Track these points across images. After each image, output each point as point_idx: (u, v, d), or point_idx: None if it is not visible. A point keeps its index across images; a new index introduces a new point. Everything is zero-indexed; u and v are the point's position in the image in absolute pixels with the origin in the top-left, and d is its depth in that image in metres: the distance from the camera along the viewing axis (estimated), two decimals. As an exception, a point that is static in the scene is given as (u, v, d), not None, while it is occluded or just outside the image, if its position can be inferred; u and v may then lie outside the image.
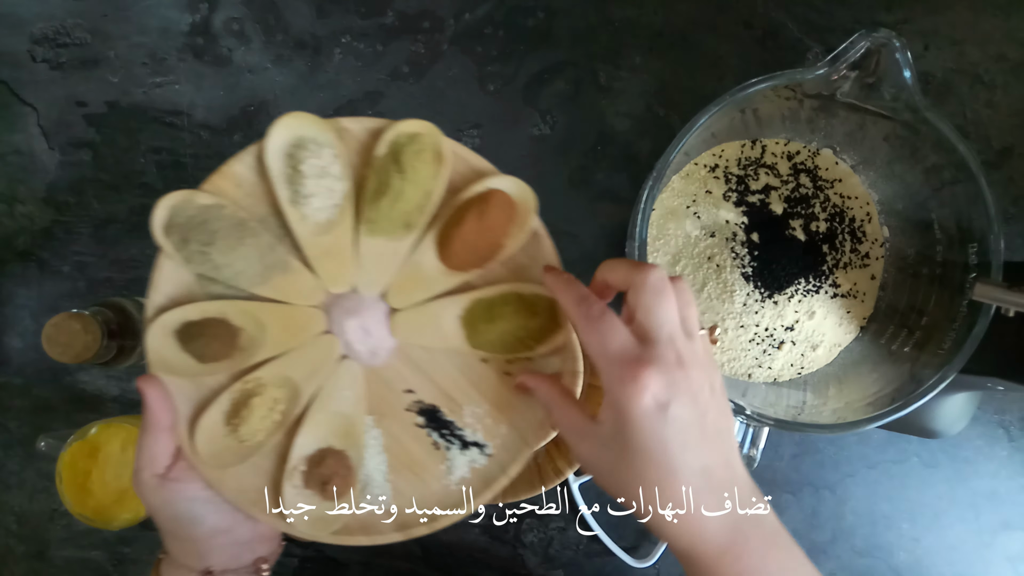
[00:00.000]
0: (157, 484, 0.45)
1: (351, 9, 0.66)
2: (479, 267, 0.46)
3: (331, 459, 0.46)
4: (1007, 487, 0.66)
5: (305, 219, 0.46)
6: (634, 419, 0.37)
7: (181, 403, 0.46)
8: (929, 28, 0.65)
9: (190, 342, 0.45)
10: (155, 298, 0.46)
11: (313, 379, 0.46)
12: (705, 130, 0.53)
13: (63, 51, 0.66)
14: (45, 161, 0.67)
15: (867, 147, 0.58)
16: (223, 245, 0.45)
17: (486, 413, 0.47)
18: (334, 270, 0.46)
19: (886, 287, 0.61)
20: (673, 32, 0.65)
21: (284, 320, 0.46)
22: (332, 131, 0.46)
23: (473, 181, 0.46)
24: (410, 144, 0.45)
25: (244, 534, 0.47)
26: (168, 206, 0.45)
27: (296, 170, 0.45)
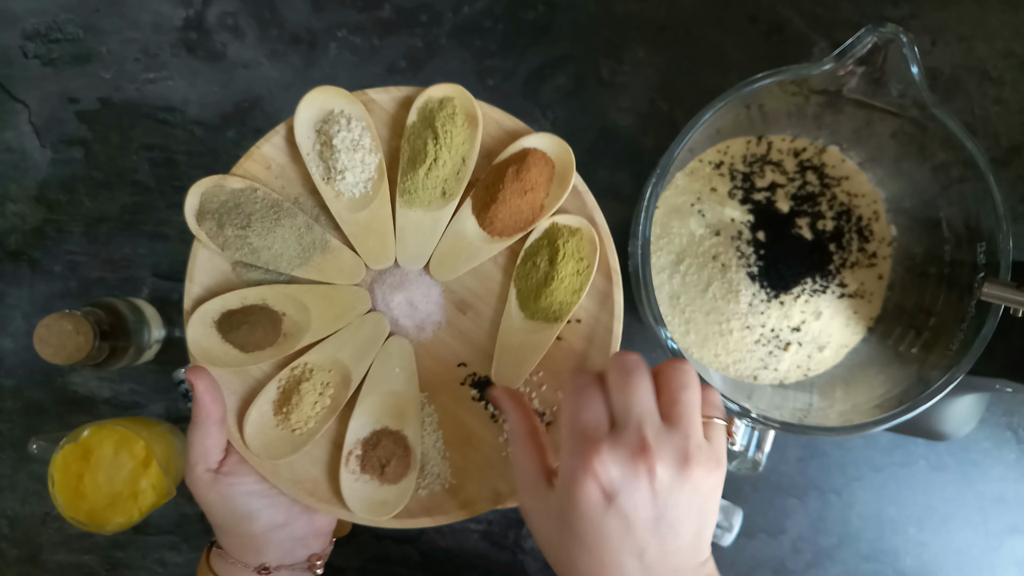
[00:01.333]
0: (212, 479, 0.44)
1: (347, 3, 0.65)
2: (522, 231, 0.45)
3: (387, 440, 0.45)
4: (1015, 490, 0.65)
5: (340, 195, 0.45)
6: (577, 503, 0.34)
7: (227, 396, 0.45)
8: (936, 23, 0.64)
9: (232, 331, 0.44)
10: (192, 289, 0.46)
11: (363, 359, 0.46)
12: (710, 126, 0.52)
13: (55, 47, 0.66)
14: (36, 159, 0.66)
15: (874, 144, 0.57)
16: (260, 228, 0.44)
17: (541, 380, 0.46)
18: (374, 246, 0.46)
19: (893, 287, 0.60)
20: (677, 26, 0.64)
21: (327, 301, 0.45)
22: (360, 103, 0.45)
23: (507, 142, 0.46)
24: (441, 109, 0.45)
25: (300, 529, 0.47)
26: (199, 193, 0.45)
27: (328, 145, 0.44)
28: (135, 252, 0.66)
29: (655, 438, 0.34)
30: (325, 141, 0.44)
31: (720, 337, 0.59)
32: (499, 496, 0.45)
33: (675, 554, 0.35)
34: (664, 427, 0.35)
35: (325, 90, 0.45)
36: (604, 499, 0.34)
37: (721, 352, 0.59)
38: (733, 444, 0.44)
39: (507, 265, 0.46)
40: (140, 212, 0.65)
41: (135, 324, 0.61)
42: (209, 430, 0.44)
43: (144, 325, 0.62)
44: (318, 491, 0.46)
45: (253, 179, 0.46)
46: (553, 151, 0.45)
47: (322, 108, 0.45)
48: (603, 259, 0.46)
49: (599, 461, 0.34)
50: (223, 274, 0.46)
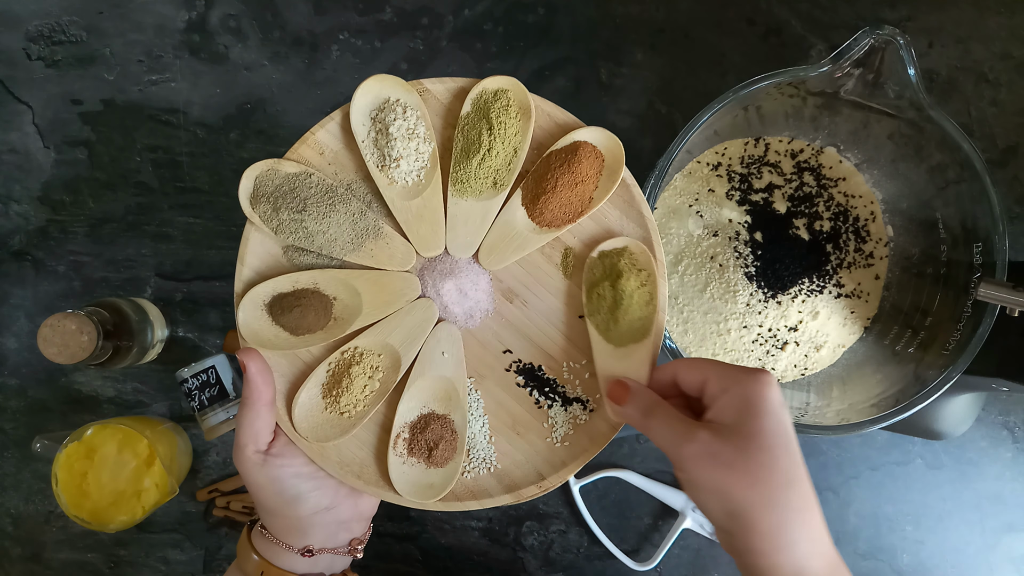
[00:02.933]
0: (261, 461, 0.44)
1: (349, 6, 0.65)
2: (571, 222, 0.46)
3: (435, 424, 0.46)
4: (1012, 489, 0.66)
5: (393, 183, 0.46)
6: (768, 411, 0.36)
7: (276, 379, 0.46)
8: (933, 25, 0.64)
9: (283, 315, 0.45)
10: (243, 272, 0.46)
11: (412, 344, 0.46)
12: (708, 128, 0.52)
13: (58, 49, 0.66)
14: (40, 160, 0.66)
15: (871, 145, 0.58)
16: (315, 212, 0.44)
17: (585, 368, 0.47)
18: (426, 233, 0.46)
19: (890, 287, 0.60)
20: (675, 29, 0.65)
21: (378, 287, 0.46)
22: (415, 92, 0.46)
23: (557, 135, 0.46)
24: (496, 100, 0.45)
25: (345, 512, 0.47)
26: (253, 176, 0.46)
27: (383, 132, 0.45)
28: (138, 252, 0.66)
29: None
30: (381, 129, 0.45)
31: (718, 337, 0.59)
32: (543, 479, 0.46)
33: None
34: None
35: (382, 78, 0.46)
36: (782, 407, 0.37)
37: (719, 352, 0.60)
38: None
39: (554, 255, 0.47)
40: (143, 213, 0.66)
41: (138, 324, 0.61)
42: (260, 411, 0.44)
43: (147, 325, 0.62)
44: (365, 473, 0.46)
45: (306, 164, 0.46)
46: (604, 144, 0.46)
47: (378, 96, 0.46)
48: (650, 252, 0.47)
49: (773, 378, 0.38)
50: (274, 258, 0.46)
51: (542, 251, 0.47)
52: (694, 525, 0.64)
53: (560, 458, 0.46)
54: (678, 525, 0.64)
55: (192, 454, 0.66)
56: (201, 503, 0.66)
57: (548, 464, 0.46)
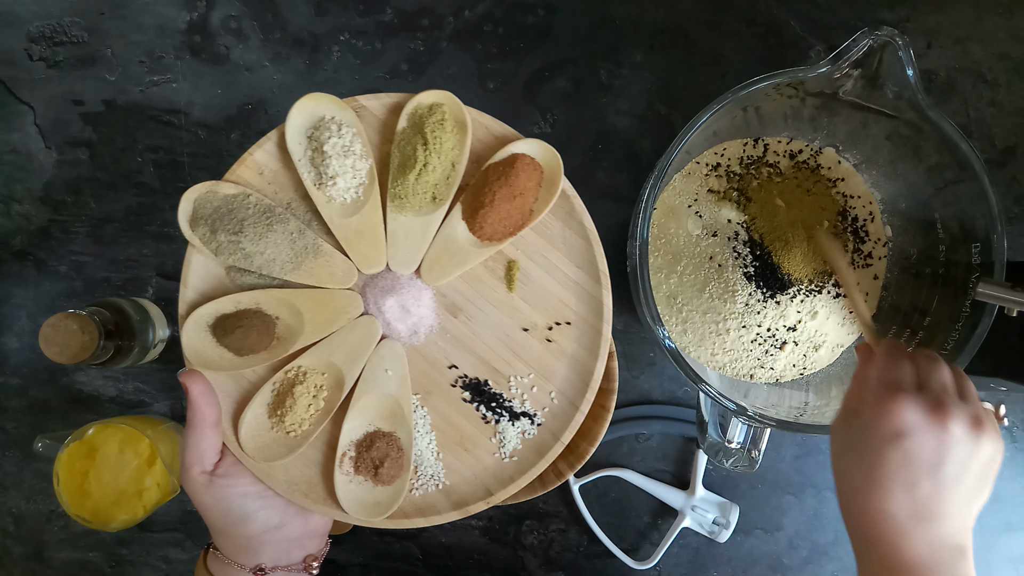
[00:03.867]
0: (207, 482, 0.44)
1: (349, 7, 0.65)
2: (512, 235, 0.46)
3: (381, 442, 0.46)
4: (1010, 488, 0.66)
5: (331, 201, 0.46)
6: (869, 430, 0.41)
7: (222, 399, 0.46)
8: (932, 26, 0.64)
9: (226, 336, 0.45)
10: (187, 294, 0.46)
11: (355, 362, 0.46)
12: (707, 128, 0.53)
13: (60, 49, 0.66)
14: (42, 160, 0.66)
15: (870, 146, 0.58)
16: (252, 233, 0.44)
17: (531, 382, 0.47)
18: (366, 250, 0.46)
19: (889, 287, 0.61)
20: (674, 29, 0.65)
21: (320, 305, 0.46)
22: (351, 109, 0.46)
23: (496, 148, 0.46)
24: (431, 115, 0.45)
25: (295, 530, 0.47)
26: (192, 199, 0.45)
27: (319, 151, 0.45)
28: (140, 252, 0.66)
29: (953, 403, 0.40)
30: (316, 147, 0.45)
31: (717, 336, 0.60)
32: (491, 495, 0.46)
33: (946, 503, 0.40)
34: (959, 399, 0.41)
35: (316, 97, 0.45)
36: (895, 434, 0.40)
37: (718, 351, 0.60)
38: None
39: (497, 269, 0.47)
40: (145, 213, 0.66)
41: (140, 324, 0.61)
42: (204, 433, 0.44)
43: (149, 325, 0.62)
44: (313, 492, 0.46)
45: (246, 185, 0.46)
46: (542, 157, 0.46)
47: (313, 114, 0.46)
48: (592, 263, 0.47)
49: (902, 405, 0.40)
50: (217, 278, 0.46)
51: (485, 264, 0.47)
52: (693, 524, 0.65)
53: (508, 473, 0.47)
54: (677, 524, 0.65)
55: (193, 453, 0.66)
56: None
57: (496, 480, 0.47)
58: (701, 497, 0.64)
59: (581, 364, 0.47)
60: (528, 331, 0.47)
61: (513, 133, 0.46)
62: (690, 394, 0.66)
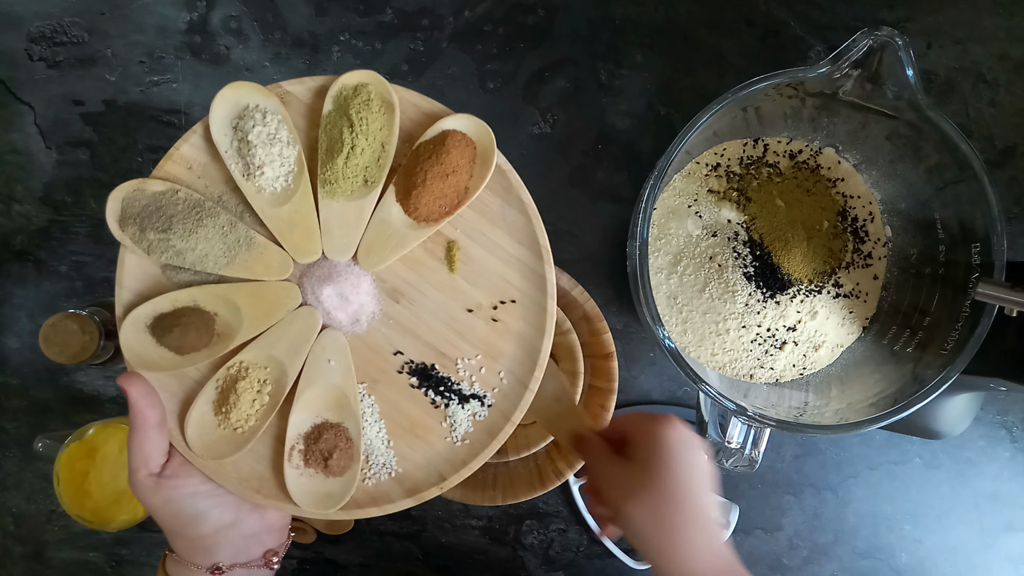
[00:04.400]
0: (154, 484, 0.44)
1: (350, 7, 0.65)
2: (449, 215, 0.45)
3: (329, 433, 0.45)
4: (1010, 488, 0.66)
5: (261, 191, 0.45)
6: (663, 444, 0.42)
7: (166, 398, 0.45)
8: (931, 26, 0.64)
9: (165, 335, 0.44)
10: (123, 295, 0.45)
11: (297, 354, 0.45)
12: (707, 129, 0.53)
13: (60, 49, 0.66)
14: (42, 160, 0.66)
15: (869, 146, 0.58)
16: (181, 229, 0.44)
17: (479, 363, 0.46)
18: (300, 239, 0.45)
19: (889, 287, 0.61)
20: (674, 30, 0.65)
21: (257, 298, 0.45)
22: (275, 96, 0.45)
23: (427, 125, 0.45)
24: (356, 96, 0.44)
25: (251, 526, 0.47)
26: (119, 198, 0.44)
27: (244, 141, 0.44)
28: (140, 253, 0.66)
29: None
30: (241, 137, 0.44)
31: (717, 336, 0.60)
32: (444, 480, 0.46)
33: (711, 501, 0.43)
34: None
35: (238, 86, 0.44)
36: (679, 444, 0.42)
37: (718, 351, 0.60)
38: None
39: (437, 250, 0.46)
40: (144, 213, 0.66)
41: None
42: (147, 435, 0.44)
43: (149, 325, 0.62)
44: (264, 488, 0.46)
45: (175, 181, 0.45)
46: (473, 132, 0.45)
47: (237, 104, 0.44)
48: (532, 238, 0.46)
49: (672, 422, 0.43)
50: (153, 278, 0.45)
51: (424, 246, 0.46)
52: (693, 524, 0.65)
53: (460, 457, 0.46)
54: (677, 524, 0.65)
55: (193, 453, 0.66)
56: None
57: (448, 464, 0.46)
58: (701, 497, 0.64)
59: (528, 342, 0.46)
60: (473, 312, 0.46)
61: (443, 109, 0.45)
62: (690, 394, 0.66)
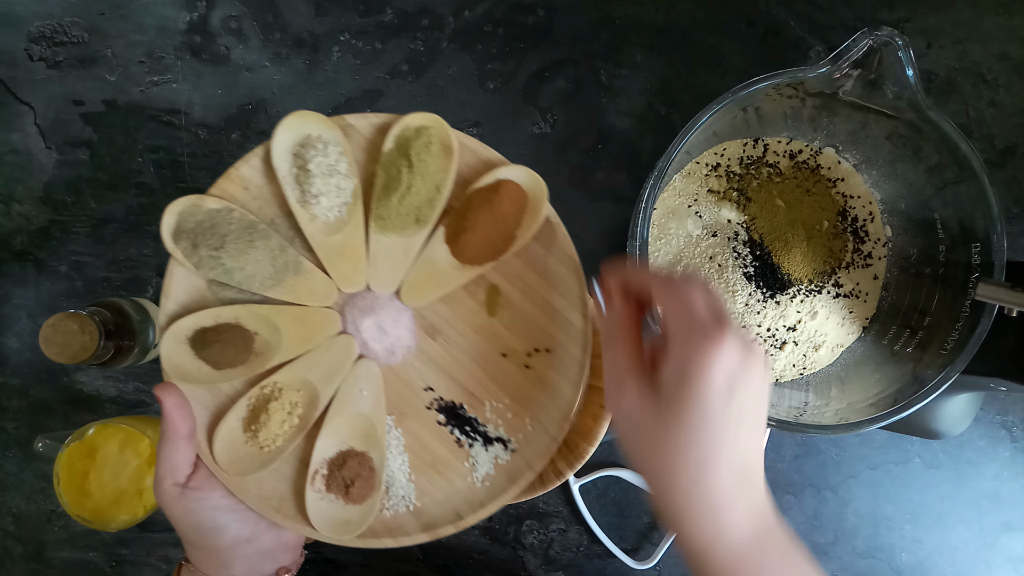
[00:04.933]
0: (179, 493, 0.44)
1: (350, 7, 0.65)
2: (493, 260, 0.46)
3: (353, 461, 0.45)
4: (1010, 488, 0.66)
5: (315, 219, 0.46)
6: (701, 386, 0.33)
7: (198, 411, 0.46)
8: (931, 27, 0.64)
9: (204, 349, 0.45)
10: (167, 306, 0.46)
11: (331, 381, 0.46)
12: (707, 129, 0.53)
13: (60, 49, 0.66)
14: (42, 160, 0.66)
15: (869, 146, 0.58)
16: (233, 249, 0.44)
17: (507, 408, 0.47)
18: (347, 269, 0.46)
19: (889, 287, 0.61)
20: (674, 30, 0.65)
21: (299, 322, 0.46)
22: (338, 128, 0.46)
23: (482, 172, 0.46)
24: (417, 138, 0.45)
25: (267, 543, 0.47)
26: (176, 212, 0.45)
27: (304, 169, 0.45)
28: (140, 252, 0.66)
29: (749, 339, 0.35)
30: (301, 165, 0.45)
31: (717, 336, 0.60)
32: (461, 519, 0.46)
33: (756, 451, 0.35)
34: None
35: (303, 115, 0.45)
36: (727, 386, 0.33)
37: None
38: None
39: (478, 292, 0.47)
40: (145, 213, 0.66)
41: (140, 324, 0.61)
42: (177, 445, 0.44)
43: (149, 325, 0.62)
44: (284, 508, 0.46)
45: (231, 199, 0.46)
46: (527, 183, 0.46)
47: (300, 132, 0.45)
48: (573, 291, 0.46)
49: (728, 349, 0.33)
50: (199, 291, 0.46)
51: (466, 288, 0.47)
52: (693, 524, 0.65)
53: (479, 498, 0.46)
54: (677, 524, 0.65)
55: (193, 453, 0.66)
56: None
57: (467, 504, 0.46)
58: (701, 497, 0.64)
59: (558, 393, 0.46)
60: (507, 356, 0.46)
61: (499, 158, 0.46)
62: (690, 394, 0.66)
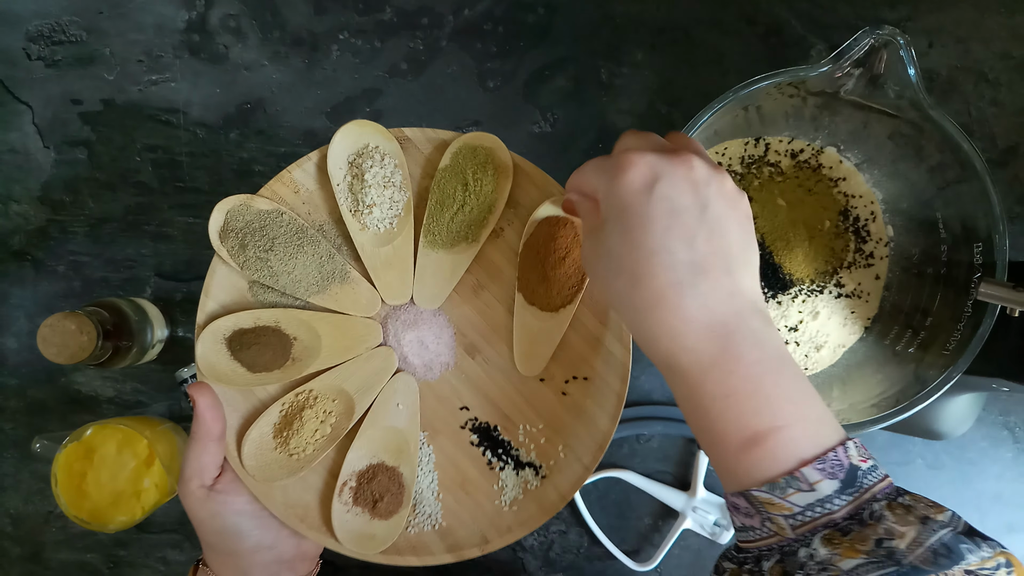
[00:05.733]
0: (205, 496, 0.44)
1: (349, 5, 0.65)
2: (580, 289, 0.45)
3: (383, 475, 0.45)
4: (1012, 489, 0.65)
5: (366, 229, 0.45)
6: (618, 195, 0.35)
7: (228, 413, 0.45)
8: (933, 25, 0.64)
9: (242, 351, 0.44)
10: (207, 304, 0.46)
11: (368, 392, 0.46)
12: (708, 128, 0.52)
13: (58, 48, 0.66)
14: (40, 160, 0.66)
15: (871, 145, 0.58)
16: (282, 252, 0.44)
17: (541, 433, 0.46)
18: (393, 281, 0.46)
19: (891, 287, 0.60)
20: (675, 28, 0.65)
21: (340, 331, 0.45)
22: (395, 141, 0.45)
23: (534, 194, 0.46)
24: (474, 157, 0.45)
25: (287, 552, 0.47)
26: (224, 210, 0.45)
27: (359, 178, 0.44)
28: (138, 252, 0.66)
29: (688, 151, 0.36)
30: (357, 174, 0.45)
31: (718, 337, 0.59)
32: (487, 543, 0.45)
33: (726, 252, 0.35)
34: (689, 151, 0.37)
35: (362, 124, 0.45)
36: (646, 184, 0.34)
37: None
38: None
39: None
40: (143, 213, 0.66)
41: (138, 324, 0.61)
42: (207, 447, 0.44)
43: (147, 325, 0.62)
44: (309, 518, 0.46)
45: (280, 202, 0.46)
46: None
47: (357, 141, 0.45)
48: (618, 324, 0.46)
49: (640, 152, 0.35)
50: (239, 292, 0.46)
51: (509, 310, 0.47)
52: (694, 526, 0.64)
53: (506, 523, 0.46)
54: (678, 526, 0.64)
55: (192, 454, 0.66)
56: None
57: (493, 527, 0.46)
58: (702, 498, 0.64)
59: (594, 423, 0.46)
60: (544, 381, 0.46)
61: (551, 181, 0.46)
62: (691, 395, 0.66)
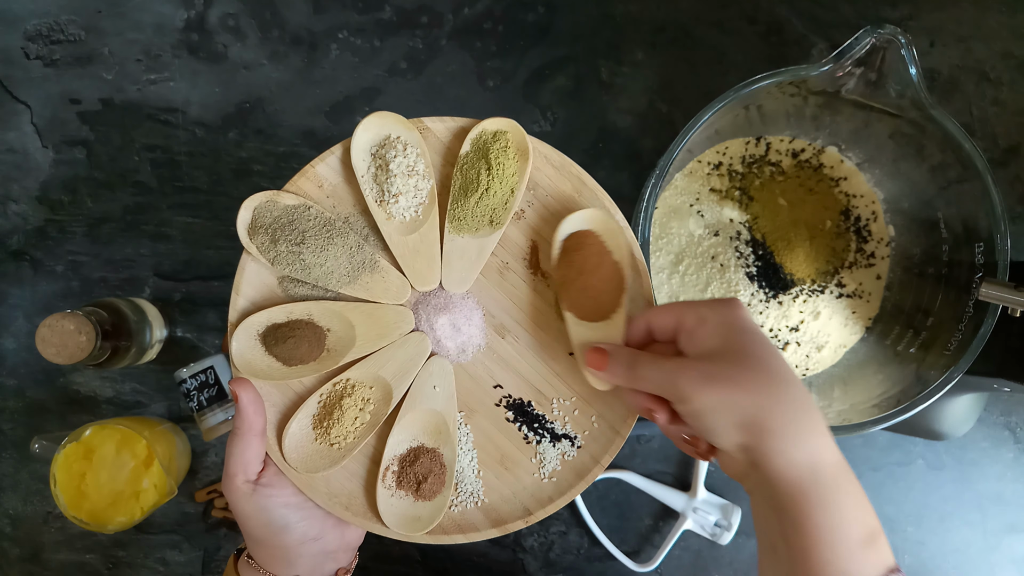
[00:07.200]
0: (250, 491, 0.45)
1: (348, 4, 0.65)
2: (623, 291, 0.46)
3: (424, 457, 0.46)
4: (1013, 489, 0.65)
5: (392, 218, 0.47)
6: (746, 326, 0.39)
7: (267, 409, 0.46)
8: (935, 25, 0.64)
9: (277, 345, 0.45)
10: (238, 302, 0.46)
11: (404, 378, 0.47)
12: (708, 127, 0.52)
13: (57, 48, 0.66)
14: (39, 159, 0.66)
15: (872, 145, 0.58)
16: (313, 245, 0.45)
17: (574, 405, 0.47)
18: (422, 268, 0.47)
19: (892, 287, 0.60)
20: (676, 27, 0.65)
21: (372, 319, 0.47)
22: (416, 130, 0.46)
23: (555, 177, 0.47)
24: (495, 141, 0.46)
25: (331, 543, 0.47)
26: (251, 207, 0.46)
27: (383, 169, 0.46)
28: (137, 252, 0.66)
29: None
30: (381, 165, 0.46)
31: (719, 337, 0.59)
32: (529, 515, 0.47)
33: None
34: None
35: (384, 115, 0.46)
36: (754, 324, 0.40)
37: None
38: None
39: (548, 295, 0.48)
40: (142, 212, 0.66)
41: (137, 324, 0.61)
42: (250, 442, 0.44)
43: (146, 325, 0.62)
44: (353, 505, 0.47)
45: (306, 196, 0.47)
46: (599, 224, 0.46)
47: (379, 133, 0.46)
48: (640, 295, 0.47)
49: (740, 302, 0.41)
50: (269, 288, 0.47)
51: (535, 290, 0.48)
52: (695, 526, 0.64)
53: (547, 493, 0.47)
54: (679, 526, 0.64)
55: (191, 455, 0.66)
56: (200, 504, 0.66)
57: (535, 499, 0.47)
58: (703, 499, 0.64)
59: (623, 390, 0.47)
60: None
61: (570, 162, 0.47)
62: (691, 395, 0.66)
